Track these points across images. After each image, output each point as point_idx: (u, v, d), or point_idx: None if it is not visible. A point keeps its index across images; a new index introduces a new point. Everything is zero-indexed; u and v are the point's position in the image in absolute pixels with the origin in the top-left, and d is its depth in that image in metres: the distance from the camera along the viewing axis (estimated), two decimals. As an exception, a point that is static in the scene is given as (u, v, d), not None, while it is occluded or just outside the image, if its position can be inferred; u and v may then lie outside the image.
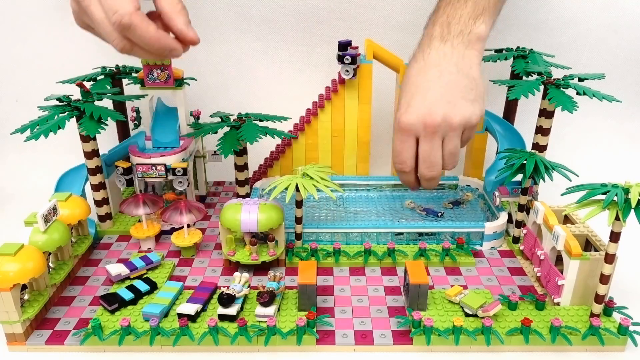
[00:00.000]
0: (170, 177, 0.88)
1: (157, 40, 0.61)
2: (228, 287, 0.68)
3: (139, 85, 0.90)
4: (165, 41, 0.62)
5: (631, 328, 0.64)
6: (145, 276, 0.76)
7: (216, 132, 0.84)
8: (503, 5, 0.79)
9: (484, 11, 0.74)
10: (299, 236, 0.83)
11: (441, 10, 0.76)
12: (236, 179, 0.88)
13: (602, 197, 0.59)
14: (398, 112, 0.73)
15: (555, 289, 0.69)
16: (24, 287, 0.67)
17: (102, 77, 0.99)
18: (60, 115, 0.78)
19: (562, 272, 0.68)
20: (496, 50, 1.00)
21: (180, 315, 0.66)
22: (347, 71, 0.92)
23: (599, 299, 0.65)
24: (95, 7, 0.60)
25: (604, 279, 0.63)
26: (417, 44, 0.78)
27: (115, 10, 0.58)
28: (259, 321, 0.66)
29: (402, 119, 0.71)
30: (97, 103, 0.82)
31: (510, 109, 1.02)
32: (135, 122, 0.98)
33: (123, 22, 0.58)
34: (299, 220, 0.82)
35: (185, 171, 0.87)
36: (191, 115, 0.98)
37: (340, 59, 0.91)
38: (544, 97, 0.83)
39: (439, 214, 0.91)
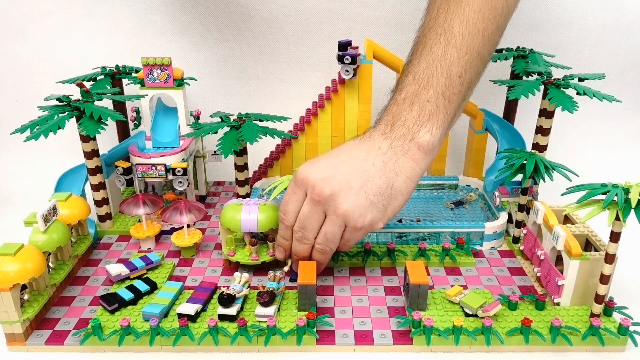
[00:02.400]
0: (170, 177, 0.88)
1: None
2: (228, 287, 0.68)
3: (139, 85, 0.90)
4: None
5: (631, 328, 0.64)
6: (145, 276, 0.76)
7: (216, 132, 0.84)
8: (461, 103, 0.71)
9: (430, 119, 0.67)
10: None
11: (387, 109, 0.71)
12: (236, 179, 0.88)
13: (602, 197, 0.59)
14: (305, 162, 0.70)
15: (555, 289, 0.69)
16: (24, 287, 0.67)
17: (102, 77, 0.99)
18: (60, 115, 0.78)
19: (562, 272, 0.68)
20: (496, 50, 1.00)
21: (180, 315, 0.66)
22: (347, 71, 0.92)
23: (599, 299, 0.64)
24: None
25: (604, 279, 0.63)
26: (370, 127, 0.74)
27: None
28: (259, 321, 0.66)
29: (301, 169, 0.69)
30: (97, 103, 0.82)
31: (510, 109, 1.02)
32: (135, 122, 0.98)
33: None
34: (299, 220, 0.82)
35: (185, 171, 0.87)
36: (191, 115, 0.98)
37: (340, 59, 0.91)
38: (544, 97, 0.83)
39: (464, 203, 0.93)
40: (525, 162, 0.75)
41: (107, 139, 0.99)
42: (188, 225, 0.83)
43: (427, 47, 0.70)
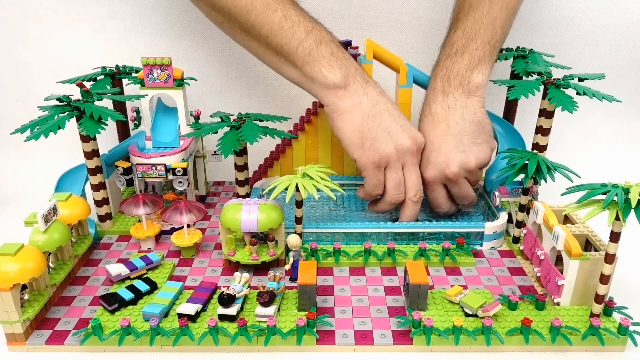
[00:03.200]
0: (170, 177, 0.88)
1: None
2: (228, 287, 0.68)
3: (139, 85, 0.90)
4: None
5: (631, 328, 0.64)
6: (145, 276, 0.76)
7: (216, 132, 0.84)
8: (498, 53, 0.87)
9: (480, 62, 0.81)
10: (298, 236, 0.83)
11: (441, 64, 0.84)
12: (236, 179, 0.88)
13: (602, 197, 0.59)
14: (420, 167, 0.84)
15: (555, 289, 0.69)
16: (24, 287, 0.67)
17: (102, 77, 0.99)
18: (60, 115, 0.78)
19: (562, 272, 0.68)
20: (496, 50, 1.00)
21: (180, 315, 0.66)
22: (347, 71, 0.92)
23: (599, 299, 0.64)
24: (397, 183, 0.82)
25: (604, 279, 0.63)
26: (424, 97, 0.87)
27: (419, 189, 0.83)
28: (259, 321, 0.66)
29: (425, 175, 0.83)
30: (97, 103, 0.82)
31: (510, 109, 1.02)
32: (135, 122, 0.98)
33: (421, 197, 0.84)
34: (299, 220, 0.82)
35: (185, 171, 0.87)
36: (191, 115, 0.98)
37: (340, 59, 0.91)
38: (544, 97, 0.83)
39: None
40: (527, 162, 0.75)
41: (107, 139, 0.99)
42: (188, 225, 0.83)
43: (474, 6, 0.84)
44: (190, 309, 0.67)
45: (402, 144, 0.80)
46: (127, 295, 0.70)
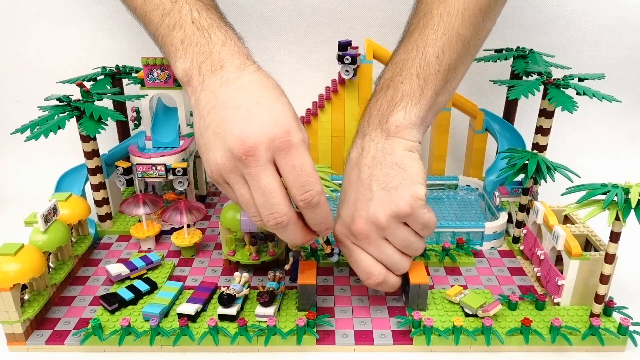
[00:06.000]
0: (170, 177, 0.88)
1: (302, 240, 0.61)
2: (228, 287, 0.68)
3: (139, 85, 0.90)
4: (306, 239, 0.62)
5: (631, 328, 0.64)
6: (145, 276, 0.76)
7: (216, 132, 0.84)
8: (439, 86, 0.67)
9: (404, 98, 0.65)
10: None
11: (367, 105, 0.70)
12: (236, 179, 0.88)
13: (602, 197, 0.59)
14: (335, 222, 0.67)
15: (555, 289, 0.69)
16: (24, 287, 0.67)
17: (102, 77, 0.99)
18: (60, 115, 0.78)
19: (562, 272, 0.68)
20: (496, 50, 1.00)
21: (180, 315, 0.66)
22: (347, 71, 0.92)
23: (599, 299, 0.65)
24: (246, 204, 0.58)
25: (604, 279, 0.63)
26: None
27: (273, 212, 0.56)
28: (259, 321, 0.66)
29: (334, 231, 0.67)
30: (97, 103, 0.82)
31: (510, 109, 1.02)
32: (135, 122, 0.98)
33: (280, 223, 0.57)
34: (299, 220, 0.82)
35: (185, 171, 0.87)
36: (191, 115, 0.98)
37: (340, 59, 0.91)
38: (544, 97, 0.83)
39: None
40: (527, 162, 0.75)
41: (107, 139, 0.99)
42: (188, 225, 0.83)
43: (408, 32, 0.70)
44: (190, 309, 0.67)
45: (229, 147, 0.56)
46: (127, 295, 0.70)
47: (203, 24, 0.63)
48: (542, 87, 0.82)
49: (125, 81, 1.02)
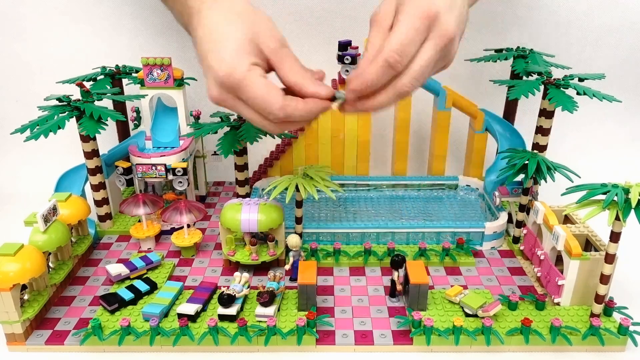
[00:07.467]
0: (170, 177, 0.88)
1: (310, 112, 0.60)
2: (228, 287, 0.68)
3: (139, 85, 0.90)
4: (317, 107, 0.60)
5: (631, 328, 0.64)
6: (145, 276, 0.76)
7: (216, 132, 0.84)
8: None
9: None
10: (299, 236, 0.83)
11: None
12: (236, 179, 0.88)
13: (602, 197, 0.59)
14: None
15: (555, 289, 0.69)
16: (24, 287, 0.67)
17: (102, 77, 0.99)
18: (60, 115, 0.78)
19: (562, 272, 0.68)
20: (496, 50, 1.00)
21: (180, 315, 0.66)
22: (347, 71, 0.92)
23: (599, 299, 0.64)
24: (245, 110, 0.61)
25: (604, 279, 0.63)
26: None
27: (268, 112, 0.59)
28: (259, 321, 0.66)
29: (433, 7, 0.57)
30: (97, 103, 0.82)
31: (510, 109, 1.02)
32: (135, 122, 0.98)
33: (279, 118, 0.59)
34: (299, 220, 0.82)
35: (185, 171, 0.87)
36: (191, 115, 0.98)
37: (340, 59, 0.91)
38: (544, 97, 0.83)
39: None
40: (527, 162, 0.75)
41: (107, 139, 0.99)
42: (188, 225, 0.83)
43: None
44: (190, 309, 0.67)
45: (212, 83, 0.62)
46: (127, 295, 0.70)
47: None
48: (542, 87, 0.82)
49: (125, 81, 1.02)
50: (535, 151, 0.82)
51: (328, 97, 0.61)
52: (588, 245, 0.72)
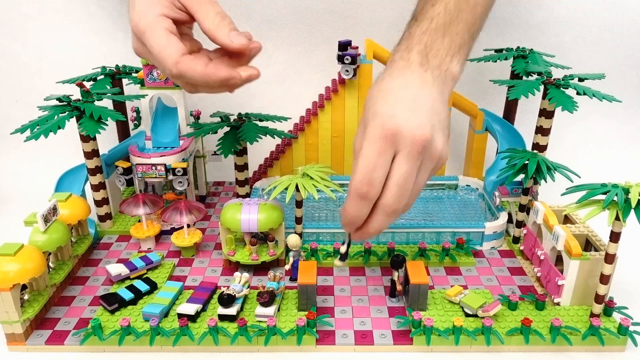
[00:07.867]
0: (170, 177, 0.88)
1: (207, 76, 0.58)
2: (228, 287, 0.68)
3: (139, 85, 0.90)
4: (217, 74, 0.58)
5: (631, 328, 0.64)
6: (145, 276, 0.76)
7: (216, 132, 0.84)
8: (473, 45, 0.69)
9: (460, 50, 0.66)
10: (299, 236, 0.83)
11: (416, 38, 0.66)
12: (236, 179, 0.88)
13: (602, 197, 0.59)
14: (373, 120, 0.59)
15: (555, 289, 0.69)
16: (24, 287, 0.67)
17: (102, 77, 0.99)
18: (60, 115, 0.78)
19: (562, 272, 0.68)
20: (496, 50, 1.00)
21: (180, 315, 0.66)
22: (347, 71, 0.92)
23: (599, 299, 0.64)
24: (155, 63, 0.60)
25: (604, 279, 0.63)
26: (386, 67, 0.68)
27: (163, 67, 0.58)
28: (259, 321, 0.66)
29: (389, 123, 0.57)
30: (97, 103, 0.82)
31: (510, 109, 1.02)
32: (135, 122, 0.98)
33: (174, 75, 0.58)
34: (299, 220, 0.82)
35: (185, 171, 0.87)
36: (191, 115, 0.98)
37: (340, 59, 0.91)
38: (544, 97, 0.83)
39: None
40: (527, 162, 0.75)
41: (107, 139, 0.99)
42: (188, 225, 0.83)
43: None
44: (190, 309, 0.67)
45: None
46: (127, 295, 0.70)
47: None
48: (542, 87, 0.82)
49: (125, 81, 1.02)
50: (535, 151, 0.82)
51: (241, 50, 0.59)
52: (588, 245, 0.72)
